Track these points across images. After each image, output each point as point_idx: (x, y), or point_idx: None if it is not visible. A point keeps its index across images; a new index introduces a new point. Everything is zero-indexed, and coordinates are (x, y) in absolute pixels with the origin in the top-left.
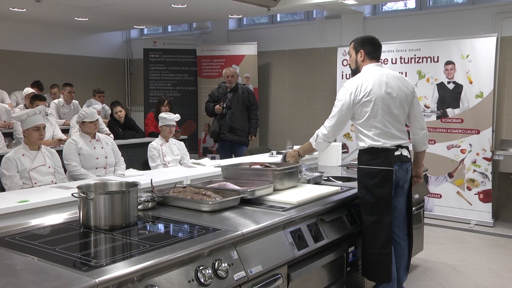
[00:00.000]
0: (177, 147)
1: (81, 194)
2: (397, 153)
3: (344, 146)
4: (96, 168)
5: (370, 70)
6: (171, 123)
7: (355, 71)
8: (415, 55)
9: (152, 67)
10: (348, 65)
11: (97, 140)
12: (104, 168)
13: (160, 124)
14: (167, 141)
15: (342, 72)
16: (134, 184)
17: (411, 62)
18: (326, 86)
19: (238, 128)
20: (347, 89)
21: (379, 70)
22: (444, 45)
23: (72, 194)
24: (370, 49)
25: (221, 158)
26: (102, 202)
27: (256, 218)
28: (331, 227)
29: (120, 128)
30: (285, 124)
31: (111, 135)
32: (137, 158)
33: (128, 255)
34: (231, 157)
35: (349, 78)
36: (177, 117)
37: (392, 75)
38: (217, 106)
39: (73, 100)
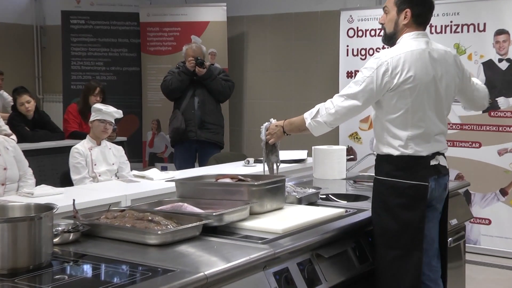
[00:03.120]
0: (113, 153)
1: None
2: (433, 162)
3: (349, 151)
4: None
5: (412, 44)
6: (108, 118)
7: (390, 38)
8: (451, 21)
9: (75, 38)
10: (382, 28)
11: None
12: (3, 184)
13: (92, 118)
14: (99, 144)
15: (347, 46)
16: (48, 208)
17: (445, 32)
18: (324, 66)
19: (211, 122)
20: (381, 64)
21: (424, 44)
22: (493, 7)
23: None
24: (421, 10)
25: (179, 167)
26: None
27: (225, 254)
28: (331, 267)
29: (28, 127)
30: (266, 120)
31: (14, 137)
32: (53, 170)
33: None
34: (194, 166)
35: (364, 52)
36: (118, 113)
37: (438, 50)
38: (190, 59)
39: None
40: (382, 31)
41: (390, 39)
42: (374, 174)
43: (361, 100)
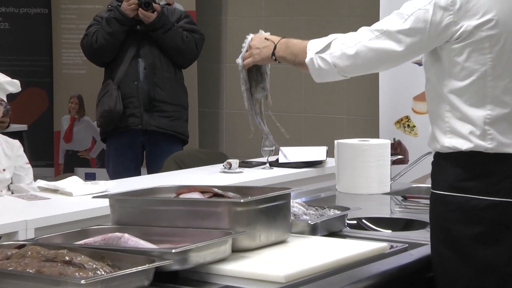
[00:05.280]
0: (3, 152)
1: None
2: None
3: (396, 148)
4: None
5: None
6: None
7: None
8: None
9: None
10: None
11: None
12: None
13: None
14: None
15: None
16: None
17: None
18: (356, 5)
19: (167, 100)
20: None
21: None
22: None
23: None
24: None
25: (115, 175)
26: None
27: None
28: None
29: None
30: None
31: None
32: None
33: None
34: (140, 173)
35: None
36: (13, 84)
37: None
38: None
39: None
40: None
41: None
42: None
43: (403, 43)
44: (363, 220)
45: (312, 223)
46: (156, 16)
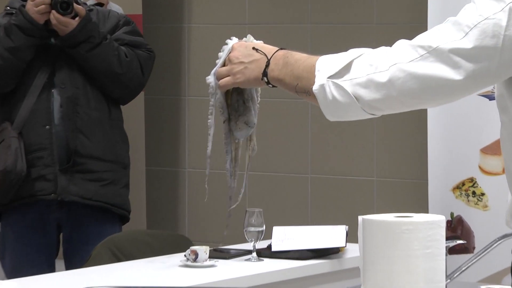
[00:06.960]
0: None
1: None
2: None
3: (455, 228)
4: None
5: None
6: None
7: None
8: None
9: None
10: None
11: None
12: None
13: None
14: None
15: None
16: None
17: None
18: (387, 14)
19: (97, 155)
20: None
21: None
22: None
23: None
24: None
25: (15, 271)
26: None
27: None
28: None
29: None
30: (242, 148)
31: None
32: None
33: None
34: (54, 268)
35: None
36: None
37: None
38: None
39: None
40: None
41: None
42: None
43: (461, 69)
44: None
45: None
46: (77, 24)
